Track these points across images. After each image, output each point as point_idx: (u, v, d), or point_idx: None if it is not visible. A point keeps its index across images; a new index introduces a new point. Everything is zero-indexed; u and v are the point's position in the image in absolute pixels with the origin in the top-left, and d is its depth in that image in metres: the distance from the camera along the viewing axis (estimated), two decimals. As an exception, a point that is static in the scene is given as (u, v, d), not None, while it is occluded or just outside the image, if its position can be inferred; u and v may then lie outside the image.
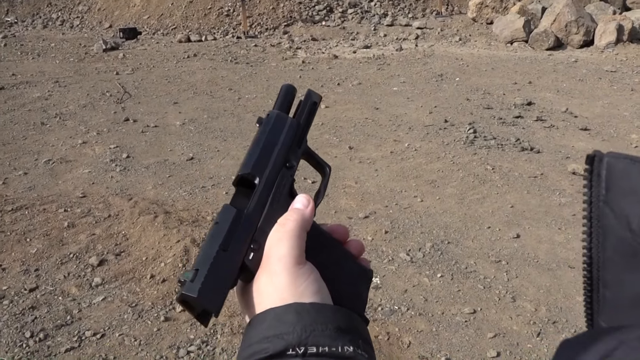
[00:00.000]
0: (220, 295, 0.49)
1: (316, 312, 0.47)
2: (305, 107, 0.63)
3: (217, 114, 6.09)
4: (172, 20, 12.30)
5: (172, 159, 4.78)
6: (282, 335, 0.45)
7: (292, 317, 0.46)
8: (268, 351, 0.45)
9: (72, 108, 6.23)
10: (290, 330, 0.46)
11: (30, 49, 10.03)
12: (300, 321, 0.46)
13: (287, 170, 0.58)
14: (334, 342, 0.46)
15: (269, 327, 0.46)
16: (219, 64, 8.59)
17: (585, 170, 0.44)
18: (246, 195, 0.55)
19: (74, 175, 4.41)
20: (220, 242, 0.50)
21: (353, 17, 11.78)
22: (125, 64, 8.69)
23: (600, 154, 0.44)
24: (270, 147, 0.57)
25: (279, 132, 0.58)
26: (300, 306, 0.47)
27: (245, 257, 0.51)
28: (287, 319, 0.46)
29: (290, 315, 0.47)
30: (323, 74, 7.87)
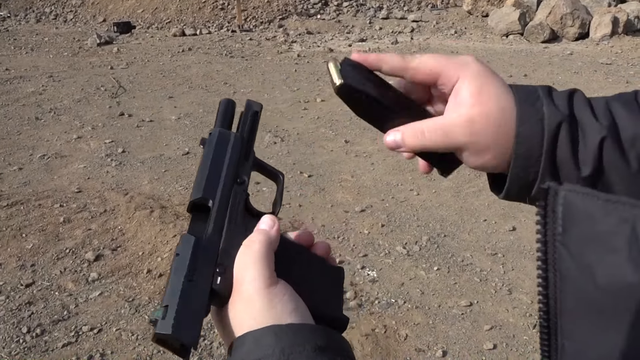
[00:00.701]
0: (195, 327, 0.48)
1: (294, 334, 0.47)
2: (247, 118, 0.63)
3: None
4: (167, 14, 12.24)
5: (167, 154, 4.77)
6: (262, 359, 0.45)
7: (270, 340, 0.46)
8: None
9: (66, 103, 6.20)
10: (270, 353, 0.45)
11: (24, 44, 9.97)
12: (279, 343, 0.46)
13: (238, 186, 0.57)
14: None
15: (248, 352, 0.46)
16: (214, 58, 8.56)
17: (538, 206, 0.38)
18: (202, 219, 0.54)
19: (69, 170, 4.39)
20: (185, 273, 0.50)
21: (348, 11, 11.76)
22: (120, 58, 8.64)
23: (555, 187, 0.38)
24: (218, 166, 0.57)
25: (223, 149, 0.58)
26: (278, 328, 0.47)
27: (213, 282, 0.50)
28: (265, 341, 0.46)
29: (268, 338, 0.46)
30: (318, 68, 7.85)
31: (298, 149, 4.90)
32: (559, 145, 0.50)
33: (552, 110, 0.50)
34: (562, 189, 0.37)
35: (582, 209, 0.36)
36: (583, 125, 0.50)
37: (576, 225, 0.36)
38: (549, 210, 0.38)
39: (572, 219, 0.36)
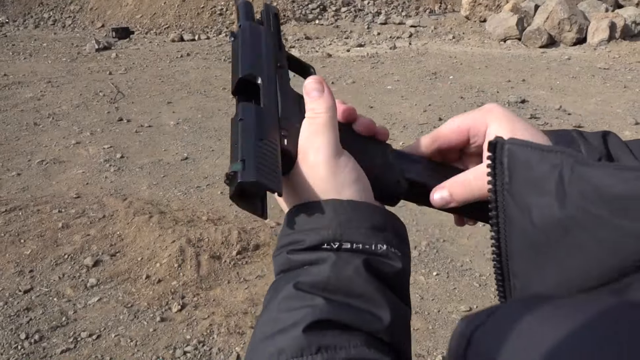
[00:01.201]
0: (278, 176, 0.47)
1: (352, 210, 0.48)
2: (268, 16, 0.63)
3: (211, 113, 6.08)
4: (165, 20, 12.26)
5: (166, 159, 4.76)
6: (319, 230, 0.47)
7: (329, 213, 0.48)
8: (304, 243, 0.47)
9: (65, 108, 6.19)
10: (327, 225, 0.47)
11: (22, 49, 9.98)
12: (337, 217, 0.47)
13: (280, 69, 0.57)
14: (368, 240, 0.47)
15: (307, 221, 0.48)
16: (213, 63, 8.57)
17: (488, 158, 0.43)
18: (250, 99, 0.54)
19: (68, 175, 4.38)
20: (254, 133, 0.49)
21: (346, 16, 11.78)
22: (118, 64, 8.65)
23: (502, 140, 0.42)
24: (258, 49, 0.56)
25: (259, 36, 0.57)
26: (338, 203, 0.48)
27: (281, 143, 0.50)
28: (324, 214, 0.48)
29: (328, 210, 0.48)
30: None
31: (297, 154, 4.90)
32: None
33: (589, 150, 0.51)
34: (507, 142, 0.41)
35: (522, 158, 0.40)
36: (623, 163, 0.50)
37: (517, 173, 0.40)
38: (497, 162, 0.42)
39: (515, 168, 0.41)
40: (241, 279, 3.02)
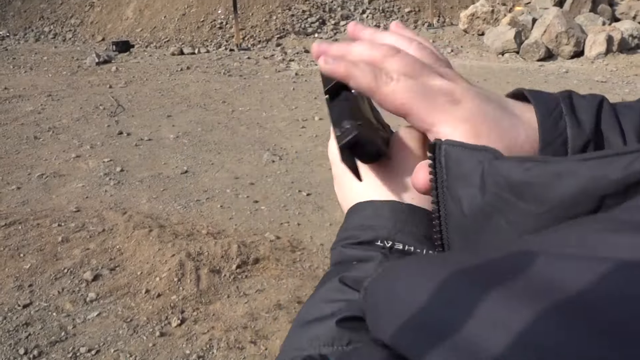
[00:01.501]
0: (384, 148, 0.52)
1: (410, 214, 0.51)
2: None
3: (211, 126, 6.09)
4: (165, 33, 12.33)
5: (166, 173, 4.77)
6: (375, 227, 0.50)
7: (387, 213, 0.50)
8: (359, 238, 0.50)
9: (65, 122, 6.21)
10: (383, 225, 0.50)
11: (23, 63, 10.02)
12: (393, 218, 0.50)
13: None
14: (420, 245, 0.49)
15: (365, 218, 0.51)
16: (212, 77, 8.61)
17: (429, 158, 0.45)
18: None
19: (68, 189, 4.39)
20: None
21: (345, 29, 11.82)
22: (119, 77, 8.68)
23: (439, 142, 0.45)
24: None
25: None
26: (398, 205, 0.51)
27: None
28: (382, 213, 0.51)
29: (386, 211, 0.51)
30: (316, 86, 7.90)
31: (296, 168, 4.91)
32: None
33: (576, 133, 0.50)
34: (443, 143, 0.44)
35: (454, 157, 0.44)
36: (611, 146, 0.50)
37: (452, 169, 0.44)
38: (437, 161, 0.45)
39: (450, 165, 0.44)
40: (241, 293, 3.01)
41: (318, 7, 12.28)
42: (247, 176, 4.71)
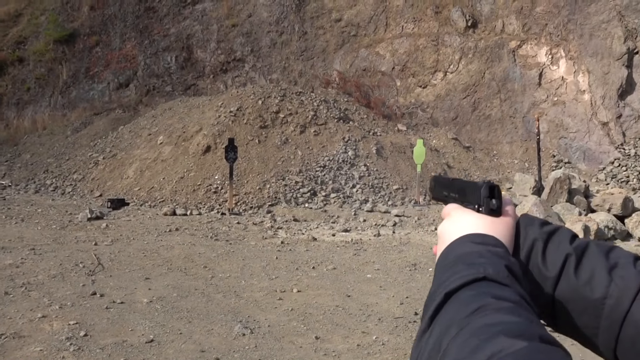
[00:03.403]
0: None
1: (502, 249, 0.74)
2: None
3: (187, 292, 6.02)
4: (161, 194, 12.76)
5: (130, 340, 4.61)
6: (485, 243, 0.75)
7: (491, 240, 0.75)
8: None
9: (40, 278, 6.15)
10: (487, 242, 0.74)
11: (16, 214, 10.21)
12: (493, 244, 0.74)
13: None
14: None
15: (474, 236, 0.75)
16: (199, 240, 8.72)
17: None
18: None
19: (24, 353, 4.20)
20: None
21: (335, 201, 12.30)
22: (106, 234, 8.79)
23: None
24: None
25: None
26: (496, 239, 0.76)
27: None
28: (488, 240, 0.75)
29: (490, 238, 0.75)
30: (300, 256, 7.97)
31: (267, 343, 4.76)
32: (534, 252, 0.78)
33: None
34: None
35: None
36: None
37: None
38: None
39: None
40: None
41: (310, 179, 12.86)
42: (214, 349, 4.54)
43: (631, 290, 0.68)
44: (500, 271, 0.64)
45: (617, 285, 0.70)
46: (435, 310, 0.59)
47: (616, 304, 0.69)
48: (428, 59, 17.27)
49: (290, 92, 15.33)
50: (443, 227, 0.82)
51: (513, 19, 16.50)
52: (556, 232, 0.79)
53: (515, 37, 16.32)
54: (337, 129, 14.52)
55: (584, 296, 0.72)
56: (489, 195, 0.79)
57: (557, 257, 0.76)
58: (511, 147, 15.47)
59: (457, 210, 0.83)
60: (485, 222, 0.78)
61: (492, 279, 0.62)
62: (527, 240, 0.79)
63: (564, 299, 0.74)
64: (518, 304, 0.57)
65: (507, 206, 0.81)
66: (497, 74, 16.16)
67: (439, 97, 16.69)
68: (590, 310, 0.71)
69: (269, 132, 13.96)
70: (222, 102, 14.84)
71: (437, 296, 0.61)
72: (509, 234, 0.78)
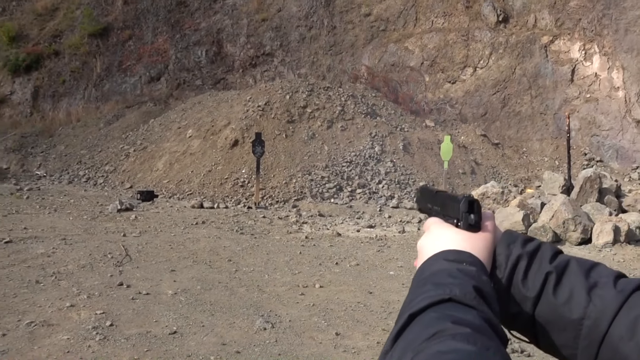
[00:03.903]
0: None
1: (478, 265, 0.75)
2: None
3: (211, 285, 6.12)
4: (190, 187, 12.96)
5: (154, 331, 4.72)
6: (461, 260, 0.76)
7: (466, 257, 0.75)
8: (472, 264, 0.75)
9: (70, 268, 6.34)
10: (462, 259, 0.75)
11: (49, 204, 10.51)
12: (469, 259, 0.74)
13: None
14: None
15: (452, 253, 0.77)
16: (224, 233, 8.83)
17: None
18: None
19: (52, 341, 4.34)
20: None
21: (361, 197, 12.30)
22: (135, 226, 8.98)
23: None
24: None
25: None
26: (471, 256, 0.76)
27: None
28: (463, 256, 0.76)
29: (466, 255, 0.76)
30: (323, 252, 8.01)
31: (287, 338, 4.81)
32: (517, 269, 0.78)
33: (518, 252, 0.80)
34: None
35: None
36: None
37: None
38: None
39: None
40: None
41: (337, 175, 12.89)
42: (234, 343, 4.61)
43: (609, 312, 0.68)
44: (468, 292, 0.64)
45: (595, 306, 0.70)
46: (399, 331, 0.60)
47: (594, 325, 0.69)
48: (458, 54, 17.08)
49: (318, 87, 15.35)
50: (422, 241, 0.83)
51: (546, 13, 16.17)
52: (539, 249, 0.79)
53: (548, 32, 15.99)
54: (364, 124, 14.49)
55: (563, 316, 0.72)
56: (467, 210, 0.78)
57: (538, 276, 0.75)
58: (541, 144, 15.20)
59: (436, 224, 0.83)
60: (463, 237, 0.78)
61: (457, 300, 0.62)
62: (510, 258, 0.78)
63: (543, 318, 0.74)
64: (477, 330, 0.56)
65: (487, 221, 0.81)
66: (528, 70, 15.88)
67: (468, 93, 16.50)
68: (569, 330, 0.71)
69: (296, 127, 14.02)
70: (251, 97, 14.96)
71: (401, 318, 0.62)
72: (486, 249, 0.78)
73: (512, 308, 0.77)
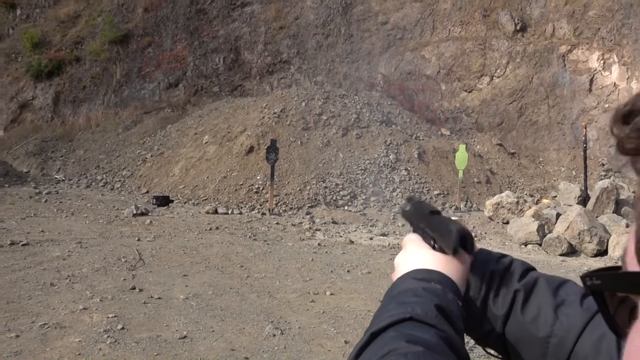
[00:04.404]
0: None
1: (447, 282, 0.74)
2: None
3: (223, 290, 6.17)
4: (205, 192, 13.07)
5: (165, 335, 4.77)
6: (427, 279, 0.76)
7: (436, 276, 0.75)
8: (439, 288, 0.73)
9: (85, 271, 6.43)
10: (432, 278, 0.75)
11: (67, 207, 10.67)
12: (440, 278, 0.75)
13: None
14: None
15: (421, 272, 0.76)
16: (237, 239, 8.89)
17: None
18: None
19: (64, 343, 4.42)
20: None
21: (374, 205, 12.29)
22: (149, 231, 9.08)
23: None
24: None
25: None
26: (441, 275, 0.76)
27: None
28: (433, 276, 0.76)
29: (435, 274, 0.76)
30: (335, 259, 8.01)
31: (296, 345, 4.83)
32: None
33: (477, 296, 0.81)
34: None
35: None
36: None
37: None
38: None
39: None
40: None
41: (351, 182, 12.90)
42: (243, 349, 4.64)
43: (575, 330, 0.69)
44: (429, 311, 0.64)
45: (561, 324, 0.70)
46: (359, 350, 0.61)
47: (560, 343, 0.70)
48: (474, 63, 17.02)
49: (334, 95, 15.40)
50: (398, 258, 0.83)
51: (564, 22, 16.06)
52: (510, 267, 0.79)
53: (566, 41, 15.88)
54: (379, 132, 14.49)
55: (530, 334, 0.73)
56: (460, 245, 0.76)
57: (507, 295, 0.76)
58: (558, 154, 15.06)
59: (413, 242, 0.83)
60: (437, 257, 0.77)
61: (418, 319, 0.62)
62: (485, 277, 0.78)
63: (513, 336, 0.75)
64: (432, 349, 0.57)
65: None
66: (546, 79, 15.77)
67: (484, 102, 16.42)
68: (537, 348, 0.72)
69: (311, 134, 14.08)
70: (267, 104, 15.06)
71: (363, 336, 0.62)
72: (460, 270, 0.77)
73: (485, 326, 0.77)
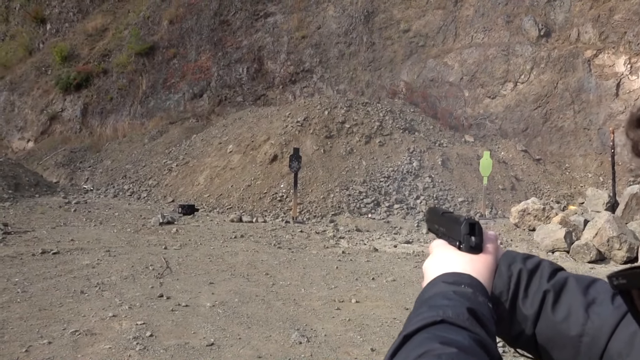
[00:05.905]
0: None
1: (478, 284, 0.76)
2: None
3: (249, 298, 6.22)
4: (229, 201, 13.19)
5: (192, 343, 4.83)
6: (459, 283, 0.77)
7: (466, 279, 0.76)
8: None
9: (114, 279, 6.55)
10: (463, 282, 0.76)
11: (95, 216, 10.88)
12: (470, 282, 0.76)
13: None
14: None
15: (453, 275, 0.78)
16: (262, 247, 8.95)
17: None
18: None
19: (95, 349, 4.51)
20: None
21: (398, 212, 12.26)
22: (176, 239, 9.20)
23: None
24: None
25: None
26: (471, 277, 0.78)
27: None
28: (463, 279, 0.77)
29: (465, 277, 0.77)
30: (360, 267, 8.01)
31: (322, 353, 4.84)
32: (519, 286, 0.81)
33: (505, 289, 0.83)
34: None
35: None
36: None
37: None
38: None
39: None
40: None
41: (374, 190, 12.89)
42: (270, 356, 4.67)
43: (607, 328, 0.70)
44: (461, 314, 0.65)
45: (593, 323, 0.71)
46: (393, 352, 0.62)
47: (592, 342, 0.70)
48: (498, 69, 16.90)
49: (357, 103, 15.44)
50: (426, 264, 0.85)
51: (589, 27, 15.85)
52: (538, 267, 0.81)
53: (591, 46, 15.66)
54: (403, 139, 14.47)
55: (562, 334, 0.74)
56: (468, 233, 0.80)
57: (537, 295, 0.78)
58: (585, 160, 14.83)
59: (439, 247, 0.85)
60: (464, 260, 0.79)
61: (450, 321, 0.64)
62: (512, 278, 0.80)
63: (544, 336, 0.76)
64: (464, 350, 0.58)
65: (489, 243, 0.83)
66: (571, 85, 15.56)
67: (508, 108, 16.28)
68: (569, 348, 0.73)
69: (334, 142, 14.12)
70: (290, 112, 15.16)
71: (397, 339, 0.64)
72: (487, 271, 0.79)
73: (514, 326, 0.79)
